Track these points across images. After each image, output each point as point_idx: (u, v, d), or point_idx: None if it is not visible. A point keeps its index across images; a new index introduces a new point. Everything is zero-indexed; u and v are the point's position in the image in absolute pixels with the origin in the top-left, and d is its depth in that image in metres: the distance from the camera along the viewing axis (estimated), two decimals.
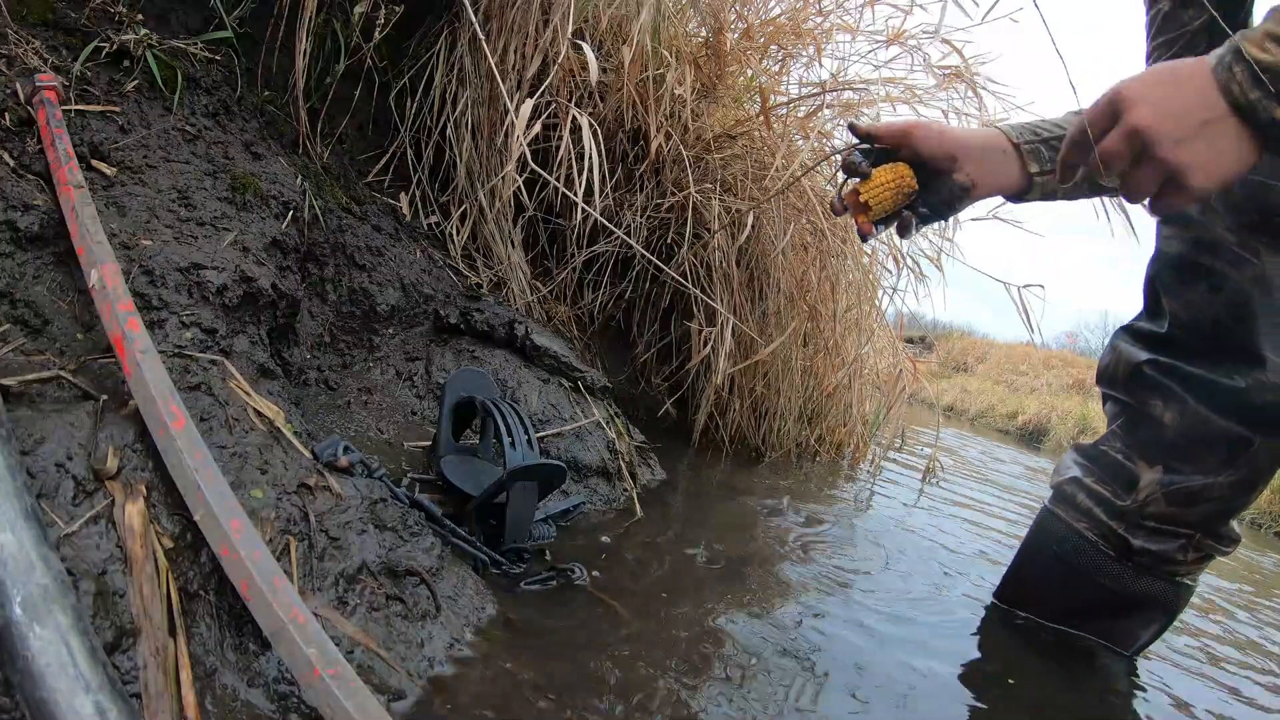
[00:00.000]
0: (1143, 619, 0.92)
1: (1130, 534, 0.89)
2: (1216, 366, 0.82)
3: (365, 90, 1.28)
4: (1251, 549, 2.31)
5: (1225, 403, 0.82)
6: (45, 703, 0.36)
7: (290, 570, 0.56)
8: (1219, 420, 0.83)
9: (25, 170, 0.69)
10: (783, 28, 1.56)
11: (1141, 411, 0.90)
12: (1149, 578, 0.90)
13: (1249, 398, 0.80)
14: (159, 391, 0.54)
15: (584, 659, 0.65)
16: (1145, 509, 0.88)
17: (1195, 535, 0.87)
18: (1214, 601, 1.40)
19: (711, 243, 1.50)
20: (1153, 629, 0.94)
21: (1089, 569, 0.92)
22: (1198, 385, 0.84)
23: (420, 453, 0.96)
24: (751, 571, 0.97)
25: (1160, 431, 0.88)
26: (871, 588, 1.00)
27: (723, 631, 0.77)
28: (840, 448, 1.99)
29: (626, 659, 0.67)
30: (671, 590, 0.85)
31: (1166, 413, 0.87)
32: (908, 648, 0.84)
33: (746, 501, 1.32)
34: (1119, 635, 0.93)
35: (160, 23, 0.96)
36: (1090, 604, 0.93)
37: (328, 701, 0.43)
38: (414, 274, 1.18)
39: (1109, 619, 0.93)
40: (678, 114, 1.43)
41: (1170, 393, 0.86)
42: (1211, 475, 0.85)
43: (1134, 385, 0.90)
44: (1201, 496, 0.86)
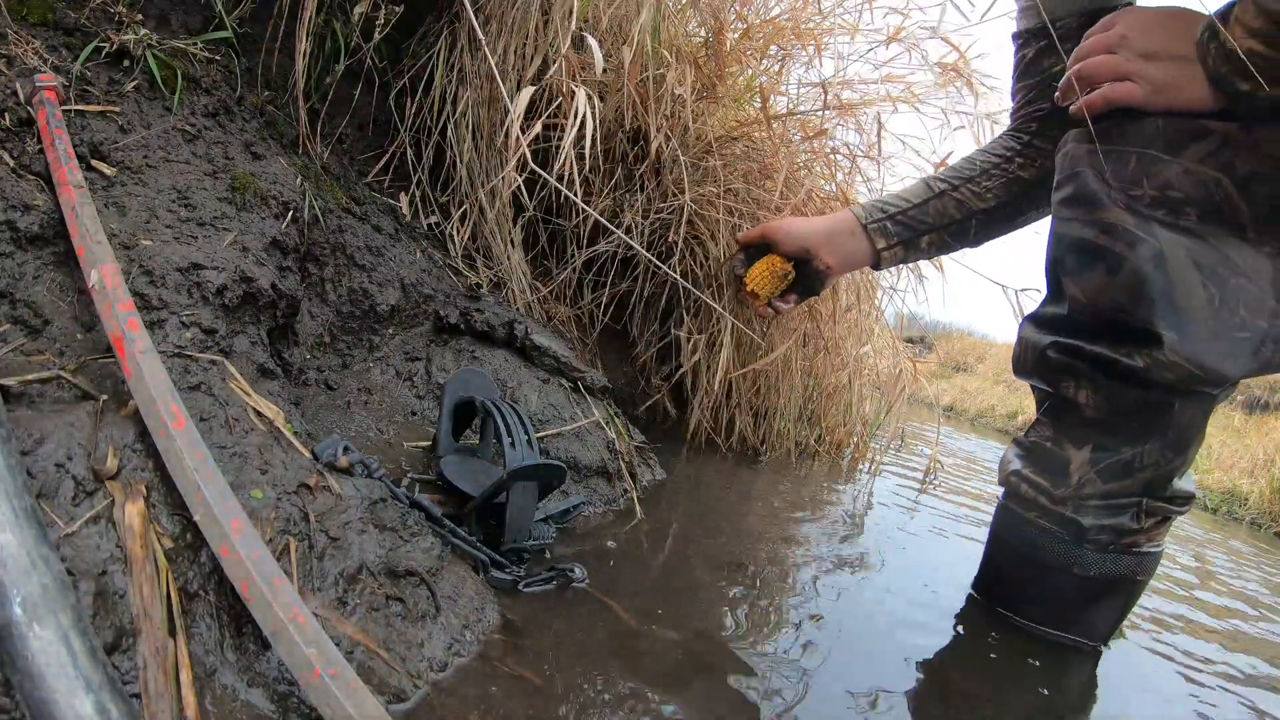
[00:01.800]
0: (1112, 599, 0.93)
1: (1079, 515, 0.89)
2: (1118, 347, 0.83)
3: (365, 90, 1.28)
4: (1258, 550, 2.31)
5: (1130, 380, 0.84)
6: (45, 703, 0.36)
7: (290, 570, 0.56)
8: (1133, 391, 0.84)
9: (25, 170, 0.69)
10: (782, 28, 1.56)
11: (1058, 395, 0.91)
12: (1112, 554, 0.90)
13: (1149, 375, 0.81)
14: (159, 391, 0.55)
15: (583, 659, 0.65)
16: (1082, 490, 0.89)
17: (1142, 501, 0.88)
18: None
19: (711, 245, 1.50)
20: (1120, 606, 0.94)
21: (1051, 559, 0.92)
22: (1102, 364, 0.85)
23: (420, 453, 0.96)
24: (751, 572, 0.97)
25: (1079, 412, 0.89)
26: (872, 588, 1.00)
27: (722, 632, 0.77)
28: (840, 448, 1.99)
29: (626, 659, 0.67)
30: (671, 591, 0.85)
31: (1080, 393, 0.88)
32: (907, 648, 0.84)
33: (746, 502, 1.32)
34: (1088, 626, 0.94)
35: (160, 23, 0.96)
36: (1059, 595, 0.93)
37: (327, 701, 0.43)
38: (414, 274, 1.18)
39: (1078, 610, 0.93)
40: (678, 114, 1.44)
41: (1079, 373, 0.88)
42: (1138, 444, 0.86)
43: (1044, 370, 0.92)
44: (1135, 466, 0.87)
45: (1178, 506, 0.90)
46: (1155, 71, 0.79)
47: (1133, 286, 0.80)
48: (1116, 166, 0.81)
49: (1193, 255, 0.78)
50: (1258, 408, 7.45)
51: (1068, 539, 0.90)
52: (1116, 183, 0.81)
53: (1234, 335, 0.78)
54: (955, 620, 0.96)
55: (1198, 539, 2.27)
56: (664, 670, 0.67)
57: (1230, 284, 0.78)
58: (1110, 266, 0.81)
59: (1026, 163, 1.11)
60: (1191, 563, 1.79)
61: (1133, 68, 0.80)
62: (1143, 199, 0.80)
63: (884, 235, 1.15)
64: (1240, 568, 1.92)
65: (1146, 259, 0.79)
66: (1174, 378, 0.80)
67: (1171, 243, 0.79)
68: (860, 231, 1.16)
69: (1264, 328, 0.78)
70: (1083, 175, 0.84)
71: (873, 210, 1.16)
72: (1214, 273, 0.78)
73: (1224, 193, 0.77)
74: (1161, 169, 0.79)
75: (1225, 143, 0.77)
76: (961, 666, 0.83)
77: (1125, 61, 0.80)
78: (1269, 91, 0.71)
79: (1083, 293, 0.85)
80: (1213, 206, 0.78)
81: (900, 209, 1.16)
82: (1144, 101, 0.79)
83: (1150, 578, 0.93)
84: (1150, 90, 0.79)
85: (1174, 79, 0.78)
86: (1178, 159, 0.79)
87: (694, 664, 0.69)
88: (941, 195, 1.15)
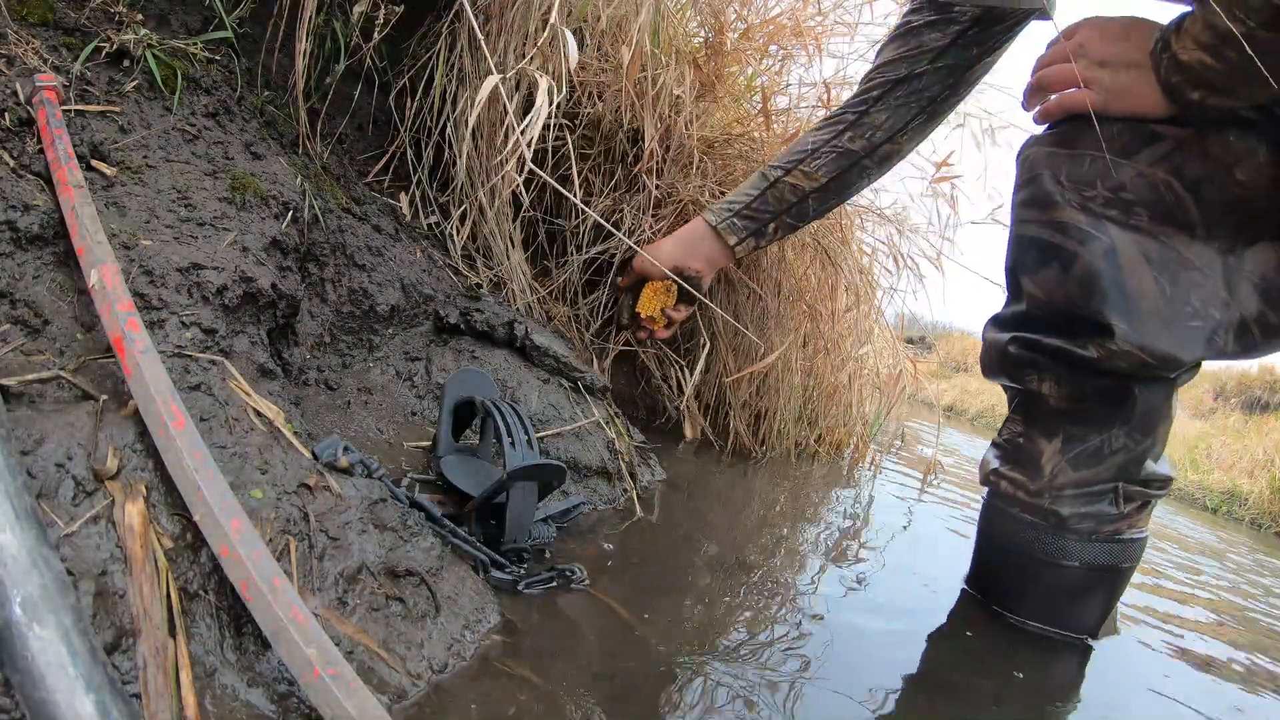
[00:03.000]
0: (1099, 590, 0.94)
1: (1057, 505, 0.91)
2: (1073, 339, 0.87)
3: (365, 90, 1.28)
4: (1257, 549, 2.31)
5: (1087, 369, 0.87)
6: (45, 703, 0.36)
7: (290, 570, 0.56)
8: (1094, 379, 0.87)
9: (25, 170, 0.69)
10: (782, 27, 1.56)
11: (1024, 390, 0.94)
12: (1095, 543, 0.91)
13: (1103, 365, 0.85)
14: (159, 391, 0.54)
15: (583, 660, 0.65)
16: (1056, 480, 0.91)
17: (1118, 485, 0.90)
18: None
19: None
20: (1111, 595, 0.95)
21: (1039, 552, 0.93)
22: (1061, 356, 0.88)
23: (420, 453, 0.96)
24: (751, 572, 0.97)
25: (1044, 404, 0.92)
26: (871, 588, 1.00)
27: (723, 632, 0.77)
28: (840, 448, 1.99)
29: (626, 659, 0.67)
30: (672, 591, 0.85)
31: (1043, 384, 0.91)
32: (908, 648, 0.84)
33: (746, 502, 1.32)
34: (1079, 615, 0.94)
35: (160, 23, 0.96)
36: (1048, 585, 0.94)
37: (328, 701, 0.43)
38: (414, 274, 1.18)
39: (1070, 602, 0.94)
40: (676, 114, 1.44)
41: (1040, 365, 0.91)
42: (1105, 429, 0.89)
43: (1008, 367, 0.94)
44: (1104, 451, 0.89)
45: (1155, 490, 0.91)
46: (1111, 79, 0.83)
47: (1086, 281, 0.84)
48: (1072, 168, 0.85)
49: (1143, 251, 0.82)
50: (1258, 408, 7.45)
51: (1050, 530, 0.92)
52: (1072, 184, 0.85)
53: (1186, 324, 0.82)
54: (956, 620, 0.96)
55: (1194, 540, 2.27)
56: (664, 670, 0.67)
57: (1181, 277, 0.81)
58: (1065, 263, 0.85)
59: (856, 135, 1.21)
60: (1184, 559, 1.80)
61: (1089, 75, 0.84)
62: (1096, 199, 0.84)
63: (733, 231, 1.28)
64: (1235, 564, 1.93)
65: (1099, 255, 0.83)
66: (1127, 365, 0.84)
67: (1123, 239, 0.82)
68: (711, 234, 1.29)
69: (1217, 317, 0.82)
70: (1040, 178, 0.87)
71: (720, 211, 1.29)
72: (1164, 267, 0.82)
73: (1174, 195, 0.81)
74: (1115, 171, 0.83)
75: (1177, 148, 0.81)
76: (962, 667, 0.83)
77: (1082, 69, 0.84)
78: (1215, 100, 0.76)
79: (1040, 289, 0.89)
80: (1163, 208, 0.82)
81: (743, 204, 1.27)
82: (1100, 107, 0.83)
83: (1136, 564, 0.94)
84: (1106, 96, 0.83)
85: (1129, 86, 0.81)
86: (1131, 162, 0.82)
87: (694, 664, 0.69)
88: (776, 183, 1.25)
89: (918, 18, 1.15)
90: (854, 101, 1.23)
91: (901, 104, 1.18)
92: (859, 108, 1.21)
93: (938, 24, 1.12)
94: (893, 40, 1.19)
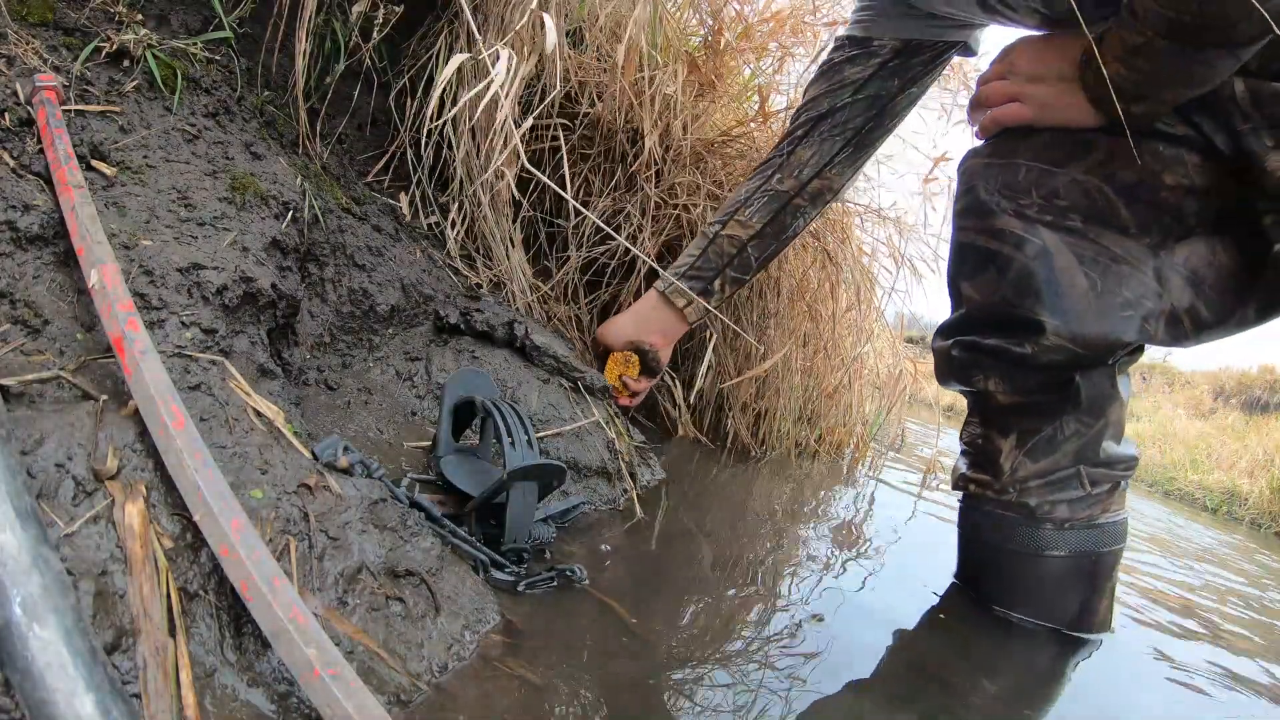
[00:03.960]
0: (1082, 578, 0.94)
1: (1024, 498, 0.93)
2: (1009, 337, 0.90)
3: (365, 90, 1.28)
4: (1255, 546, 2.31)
5: (1024, 364, 0.90)
6: (45, 703, 0.36)
7: (290, 570, 0.56)
8: (1034, 372, 0.91)
9: (25, 170, 0.69)
10: (781, 24, 1.56)
11: (974, 391, 0.97)
12: (1071, 530, 0.92)
13: (1035, 360, 0.88)
14: (159, 391, 0.54)
15: (583, 660, 0.65)
16: (1018, 474, 0.94)
17: (1079, 469, 0.91)
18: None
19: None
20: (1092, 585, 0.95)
21: (1019, 546, 0.94)
22: (999, 354, 0.92)
23: (420, 453, 0.96)
24: (751, 572, 0.97)
25: (993, 401, 0.95)
26: (871, 588, 1.00)
27: (723, 632, 0.77)
28: (840, 448, 1.99)
29: (626, 659, 0.67)
30: (671, 591, 0.85)
31: (989, 383, 0.94)
32: (908, 648, 0.84)
33: (746, 502, 1.32)
34: (1069, 607, 0.95)
35: (160, 23, 0.96)
36: (1031, 578, 0.95)
37: (328, 702, 0.43)
38: (414, 274, 1.18)
39: (1054, 589, 0.95)
40: (675, 114, 1.44)
41: (983, 365, 0.94)
42: (1055, 417, 0.91)
43: (955, 370, 0.98)
44: (1058, 439, 0.92)
45: (1121, 470, 0.93)
46: (1041, 92, 0.87)
47: (1020, 282, 0.87)
48: (1008, 178, 0.89)
49: (1074, 250, 0.86)
50: (1258, 408, 7.45)
51: (1024, 523, 0.94)
52: (1007, 193, 0.89)
53: (1118, 314, 0.85)
54: (955, 619, 0.96)
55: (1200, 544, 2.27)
56: (664, 670, 0.67)
57: (1111, 270, 0.85)
58: (1000, 266, 0.89)
59: (784, 175, 1.24)
60: (1181, 556, 1.80)
61: (1022, 90, 0.88)
62: (1031, 206, 0.87)
63: (680, 294, 1.28)
64: (1233, 564, 1.93)
65: (1032, 256, 0.87)
66: (1062, 358, 0.88)
67: (1054, 241, 0.86)
68: (660, 301, 1.30)
69: (1149, 306, 0.85)
70: (976, 188, 0.92)
71: (666, 279, 1.30)
72: (1095, 262, 0.85)
73: (1106, 199, 0.85)
74: (1049, 179, 0.87)
75: (1109, 156, 0.85)
76: (963, 666, 0.83)
77: (1016, 85, 0.89)
78: (1139, 108, 0.80)
79: (978, 293, 0.93)
80: (1096, 211, 0.85)
81: (687, 265, 1.29)
82: (1033, 119, 0.88)
83: (1119, 549, 0.95)
84: (1038, 109, 0.88)
85: (1058, 98, 0.86)
86: (1065, 170, 0.86)
87: (694, 664, 0.69)
88: (715, 239, 1.27)
89: (839, 54, 1.18)
90: (780, 144, 1.25)
91: (826, 138, 1.21)
92: (786, 148, 1.24)
93: (858, 59, 1.16)
94: (816, 79, 1.21)
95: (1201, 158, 0.82)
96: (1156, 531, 2.23)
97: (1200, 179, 0.82)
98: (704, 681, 0.67)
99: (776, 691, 0.67)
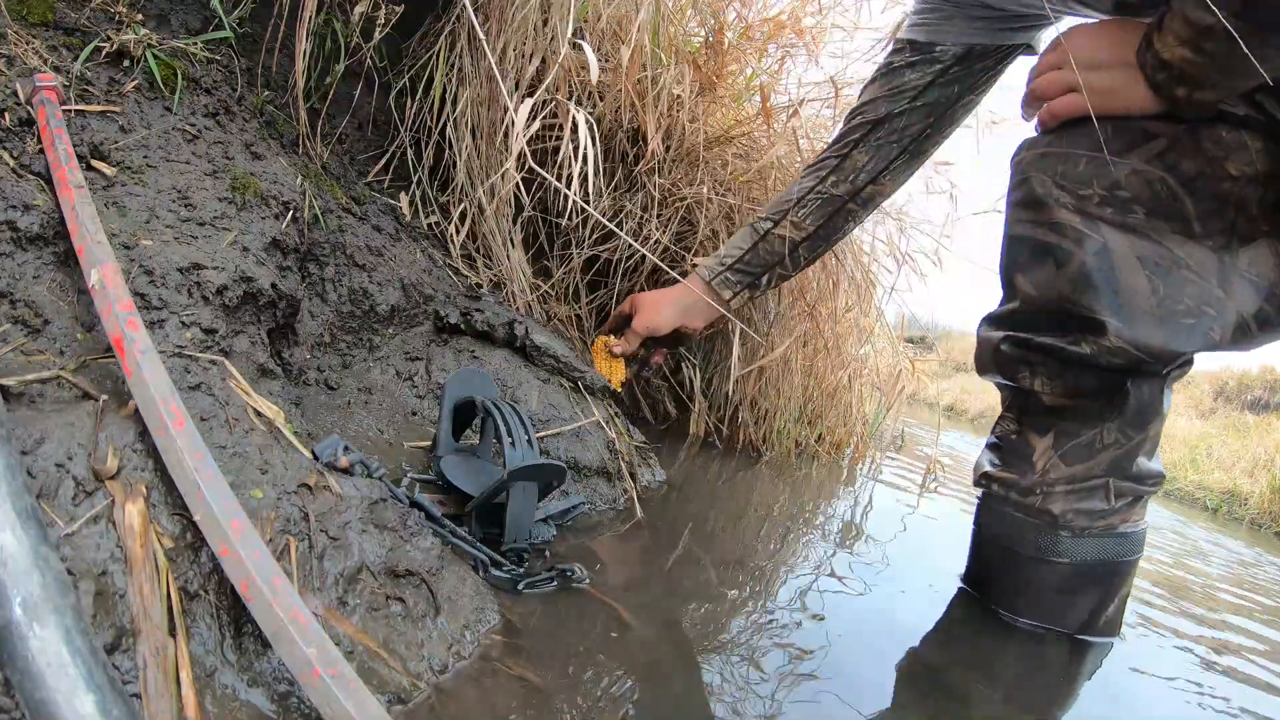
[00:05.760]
0: (1097, 586, 0.94)
1: (1049, 504, 0.92)
2: (1065, 336, 0.88)
3: (365, 90, 1.28)
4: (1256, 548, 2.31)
5: (1079, 365, 0.88)
6: (45, 703, 0.36)
7: (290, 570, 0.56)
8: (1084, 375, 0.89)
9: (25, 170, 0.69)
10: (782, 25, 1.56)
11: (1016, 387, 0.95)
12: (1089, 538, 0.91)
13: (1096, 360, 0.86)
14: (159, 391, 0.54)
15: (583, 660, 0.65)
16: (1048, 476, 0.92)
17: (1108, 481, 0.90)
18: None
19: (709, 244, 1.50)
20: (1115, 590, 0.94)
21: (1034, 551, 0.94)
22: (1052, 353, 0.89)
23: (420, 453, 0.96)
24: (751, 572, 0.97)
25: (1036, 400, 0.93)
26: (871, 588, 1.00)
27: (723, 633, 0.77)
28: (840, 448, 1.99)
29: (626, 660, 0.67)
30: (671, 591, 0.85)
31: (1035, 381, 0.92)
32: (908, 648, 0.84)
33: (746, 502, 1.32)
34: (1080, 613, 0.94)
35: (160, 23, 0.96)
36: (1047, 588, 0.94)
37: (328, 702, 0.43)
38: (414, 274, 1.18)
39: (1069, 600, 0.94)
40: (677, 114, 1.44)
41: (1032, 362, 0.92)
42: (1097, 424, 0.90)
43: (1000, 364, 0.96)
44: (1096, 446, 0.90)
45: (1148, 486, 0.92)
46: (1100, 80, 0.84)
47: (1079, 278, 0.85)
48: (1068, 169, 0.86)
49: (1136, 250, 0.83)
50: (1259, 408, 7.45)
51: (1043, 529, 0.92)
52: (1068, 184, 0.86)
53: (1179, 321, 0.83)
54: (956, 620, 0.96)
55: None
56: (664, 671, 0.67)
57: (1174, 276, 0.82)
58: (1059, 261, 0.86)
59: (839, 179, 1.22)
60: (1190, 559, 1.80)
61: (1077, 79, 0.85)
62: (1091, 199, 0.85)
63: (727, 286, 1.31)
64: (1242, 567, 1.92)
65: (1092, 254, 0.84)
66: (1122, 361, 0.85)
67: (1116, 239, 0.84)
68: (706, 290, 1.31)
69: (1212, 314, 0.82)
70: (1031, 180, 0.89)
71: (713, 268, 1.31)
72: (1156, 265, 0.83)
73: (1169, 191, 0.82)
74: (1110, 170, 0.84)
75: (1171, 145, 0.82)
76: (963, 667, 0.83)
77: (1071, 74, 0.85)
78: (1201, 95, 0.77)
79: (1033, 287, 0.90)
80: (1159, 204, 0.82)
81: (735, 258, 1.30)
82: (1092, 109, 0.84)
83: (1135, 560, 0.94)
84: (1096, 98, 0.84)
85: (1119, 87, 0.83)
86: (1125, 160, 0.83)
87: (694, 665, 0.69)
88: (766, 236, 1.27)
89: (899, 58, 1.16)
90: (835, 145, 1.24)
91: (883, 144, 1.19)
92: (841, 151, 1.22)
93: (919, 64, 1.14)
94: (874, 81, 1.20)
95: (1264, 141, 0.79)
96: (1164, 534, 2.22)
97: (1263, 164, 0.79)
98: (704, 682, 0.67)
99: (776, 692, 0.67)
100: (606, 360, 1.33)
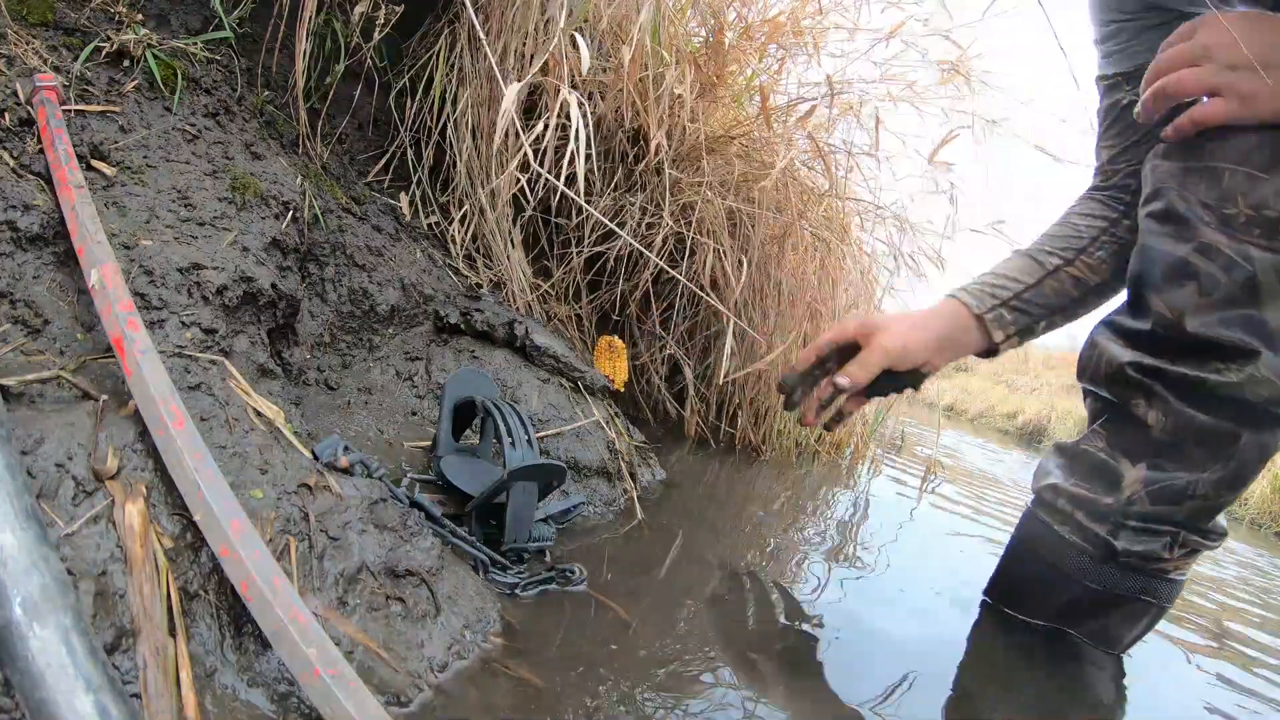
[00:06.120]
0: (1130, 617, 0.92)
1: (1113, 536, 0.87)
2: (1205, 364, 0.80)
3: (365, 90, 1.28)
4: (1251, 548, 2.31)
5: (1214, 399, 0.81)
6: (45, 703, 0.36)
7: (290, 570, 0.56)
8: (1205, 418, 0.82)
9: (25, 170, 0.69)
10: (781, 25, 1.56)
11: (1125, 411, 0.88)
12: (1136, 575, 0.89)
13: (1243, 392, 0.79)
14: (159, 391, 0.54)
15: (583, 660, 0.65)
16: (1129, 508, 0.86)
17: (1180, 533, 0.86)
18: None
19: (711, 244, 1.50)
20: (1141, 625, 0.93)
21: (1074, 571, 0.91)
22: (1183, 385, 0.82)
23: (420, 453, 0.96)
24: (751, 572, 0.97)
25: (1144, 431, 0.86)
26: (873, 588, 1.00)
27: (723, 633, 0.77)
28: (840, 448, 1.99)
29: (626, 660, 0.67)
30: (671, 591, 0.85)
31: (1150, 412, 0.85)
32: (907, 649, 0.84)
33: (746, 502, 1.32)
34: (1106, 634, 0.93)
35: (160, 23, 0.96)
36: (1076, 604, 0.92)
37: (328, 702, 0.43)
38: (414, 274, 1.18)
39: (1095, 619, 0.93)
40: (677, 114, 1.43)
41: (1153, 393, 0.84)
42: (1196, 472, 0.83)
43: (1116, 385, 0.88)
44: (1187, 494, 0.84)
45: (1210, 542, 0.88)
46: (1245, 83, 0.74)
47: (1225, 306, 0.78)
48: (1209, 184, 0.78)
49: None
50: None
51: (1096, 559, 0.88)
52: (1210, 201, 0.78)
53: None
54: (956, 621, 0.95)
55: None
56: (663, 671, 0.67)
57: None
58: (1203, 286, 0.79)
59: (1134, 225, 0.97)
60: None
61: (1220, 81, 0.75)
62: (1237, 218, 0.77)
63: (1000, 326, 1.01)
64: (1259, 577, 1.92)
65: (1240, 281, 0.77)
66: (1267, 394, 0.78)
67: (1266, 266, 0.76)
68: (974, 324, 1.02)
69: None
70: (1171, 193, 0.81)
71: (983, 297, 1.02)
72: None
73: None
74: (1256, 186, 0.76)
75: None
76: (964, 668, 0.83)
77: (1211, 74, 0.75)
78: None
79: (1169, 310, 0.82)
80: None
81: (1014, 292, 1.02)
82: (1236, 116, 0.75)
83: (1169, 607, 0.92)
84: (1241, 104, 0.75)
85: (1267, 90, 0.73)
86: (1271, 176, 0.75)
87: (694, 665, 0.69)
88: (1056, 272, 1.02)
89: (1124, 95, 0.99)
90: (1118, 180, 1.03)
91: None
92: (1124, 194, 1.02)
93: None
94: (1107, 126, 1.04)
95: None
96: None
97: None
98: (703, 682, 0.67)
99: (776, 693, 0.67)
100: (608, 360, 1.32)
